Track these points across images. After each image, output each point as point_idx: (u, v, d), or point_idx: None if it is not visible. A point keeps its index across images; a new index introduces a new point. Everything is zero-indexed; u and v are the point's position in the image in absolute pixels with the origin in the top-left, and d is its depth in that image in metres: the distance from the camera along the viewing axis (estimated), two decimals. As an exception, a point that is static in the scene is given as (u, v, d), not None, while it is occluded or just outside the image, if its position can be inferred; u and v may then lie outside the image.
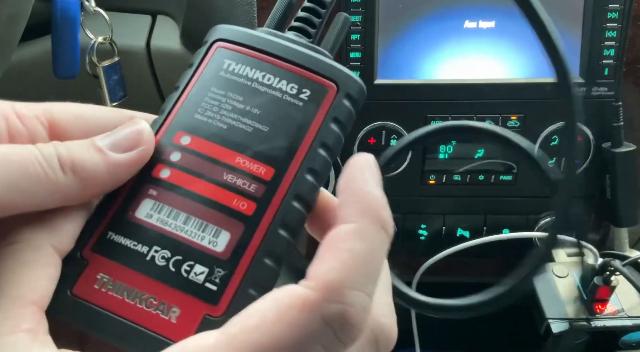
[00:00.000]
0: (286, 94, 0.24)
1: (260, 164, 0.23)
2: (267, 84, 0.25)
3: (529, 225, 0.64)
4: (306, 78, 0.25)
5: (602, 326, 0.54)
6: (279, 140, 0.24)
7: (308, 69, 0.25)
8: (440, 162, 0.62)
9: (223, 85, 0.25)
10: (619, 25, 0.57)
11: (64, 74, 0.60)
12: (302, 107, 0.24)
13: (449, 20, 0.58)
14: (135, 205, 0.23)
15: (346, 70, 0.25)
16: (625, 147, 0.59)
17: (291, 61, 0.25)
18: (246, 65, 0.25)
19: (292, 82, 0.25)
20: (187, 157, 0.24)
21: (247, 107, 0.24)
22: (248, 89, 0.25)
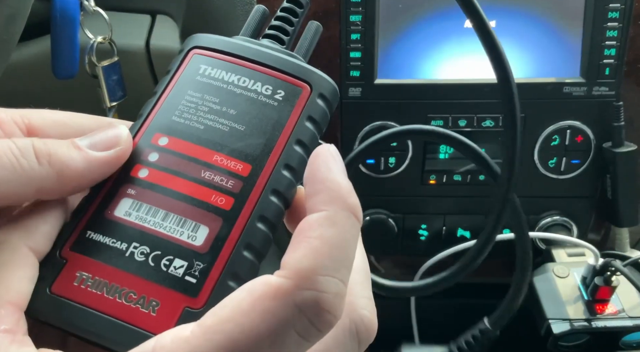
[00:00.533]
0: (261, 95, 0.25)
1: (237, 161, 0.24)
2: (242, 86, 0.26)
3: (529, 225, 0.63)
4: (280, 80, 0.26)
5: (603, 326, 0.54)
6: (255, 138, 0.25)
7: (281, 71, 0.26)
8: (441, 162, 0.61)
9: (199, 88, 0.26)
10: (619, 25, 0.57)
11: (63, 74, 0.60)
12: (276, 106, 0.25)
13: (449, 20, 0.58)
14: (113, 204, 0.23)
15: (319, 73, 0.27)
16: (626, 147, 0.58)
17: (265, 64, 0.26)
18: (221, 69, 0.26)
19: (267, 83, 0.26)
20: (164, 156, 0.24)
21: (223, 108, 0.25)
22: (224, 91, 0.25)
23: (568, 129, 0.59)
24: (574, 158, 0.60)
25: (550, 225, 0.63)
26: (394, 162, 0.61)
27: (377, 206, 0.64)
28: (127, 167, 0.24)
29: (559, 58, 0.59)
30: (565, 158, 0.60)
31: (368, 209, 0.64)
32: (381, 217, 0.63)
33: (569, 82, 0.59)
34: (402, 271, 0.69)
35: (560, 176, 0.61)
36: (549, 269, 0.58)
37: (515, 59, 0.59)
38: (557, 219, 0.63)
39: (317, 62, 0.59)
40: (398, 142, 0.60)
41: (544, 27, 0.58)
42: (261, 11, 0.29)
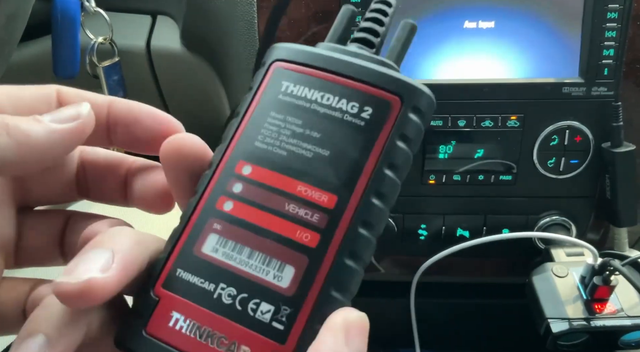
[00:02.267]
0: (347, 114, 0.23)
1: (322, 191, 0.22)
2: (326, 105, 0.24)
3: (528, 225, 0.64)
4: (367, 94, 0.23)
5: (602, 326, 0.54)
6: (341, 164, 0.23)
7: (369, 83, 0.24)
8: (440, 162, 0.62)
9: (282, 109, 0.24)
10: (618, 25, 0.57)
11: (64, 74, 0.60)
12: (364, 126, 0.23)
13: (449, 21, 0.58)
14: (201, 240, 0.23)
15: (412, 82, 0.24)
16: (625, 147, 0.59)
17: (350, 77, 0.24)
18: (304, 85, 0.24)
19: (352, 100, 0.23)
20: (248, 188, 0.23)
21: (307, 131, 0.23)
22: (307, 111, 0.24)
23: (567, 129, 0.60)
24: (573, 158, 0.61)
25: (549, 225, 0.63)
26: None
27: (376, 206, 0.64)
28: (213, 197, 0.23)
29: (558, 58, 0.59)
30: (564, 158, 0.61)
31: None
32: (381, 217, 0.63)
33: (568, 82, 0.59)
34: (401, 270, 0.69)
35: (559, 176, 0.61)
36: (548, 269, 0.58)
37: (515, 59, 0.59)
38: (556, 219, 0.63)
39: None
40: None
41: (543, 28, 0.58)
42: (349, 12, 0.27)
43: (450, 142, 0.61)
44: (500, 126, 0.60)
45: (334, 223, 0.22)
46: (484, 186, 0.63)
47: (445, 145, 0.61)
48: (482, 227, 0.64)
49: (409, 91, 0.23)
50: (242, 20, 0.60)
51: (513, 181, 0.62)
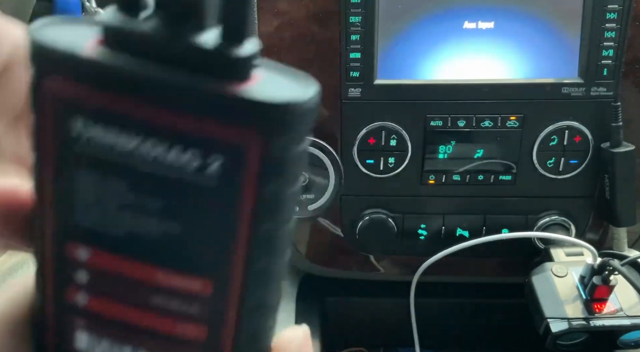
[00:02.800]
0: (185, 171, 0.15)
1: (190, 277, 0.16)
2: (151, 159, 0.15)
3: (528, 225, 0.64)
4: (208, 137, 0.15)
5: (601, 325, 0.54)
6: (202, 239, 0.16)
7: (199, 117, 0.14)
8: (440, 162, 0.62)
9: (88, 167, 0.16)
10: (618, 26, 0.57)
11: (64, 75, 0.60)
12: (217, 185, 0.15)
13: (449, 21, 0.59)
14: (71, 338, 0.18)
15: (262, 97, 0.15)
16: (624, 147, 0.59)
17: (175, 110, 0.15)
18: (105, 127, 0.15)
19: (189, 147, 0.15)
20: (95, 276, 0.17)
21: (139, 198, 0.16)
22: (126, 170, 0.15)
23: (566, 129, 0.60)
24: (572, 158, 0.61)
25: (548, 225, 0.63)
26: (393, 162, 0.61)
27: (376, 206, 0.64)
28: (59, 286, 0.17)
29: (557, 58, 0.59)
30: (564, 158, 0.61)
31: (367, 209, 0.64)
32: (380, 217, 0.64)
33: (567, 82, 0.59)
34: (401, 270, 0.70)
35: (558, 176, 0.62)
36: (547, 269, 0.58)
37: (514, 59, 0.59)
38: (555, 219, 0.63)
39: (317, 63, 0.59)
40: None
41: (543, 28, 0.58)
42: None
43: (450, 142, 0.61)
44: (500, 126, 0.60)
45: (220, 309, 0.17)
46: (483, 186, 0.63)
47: (445, 146, 0.61)
48: (482, 227, 0.65)
49: (269, 110, 0.15)
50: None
51: (512, 181, 0.62)
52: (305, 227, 0.67)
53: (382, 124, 0.60)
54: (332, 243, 0.67)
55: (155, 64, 0.14)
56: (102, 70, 0.14)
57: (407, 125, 0.60)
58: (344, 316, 0.84)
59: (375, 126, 0.60)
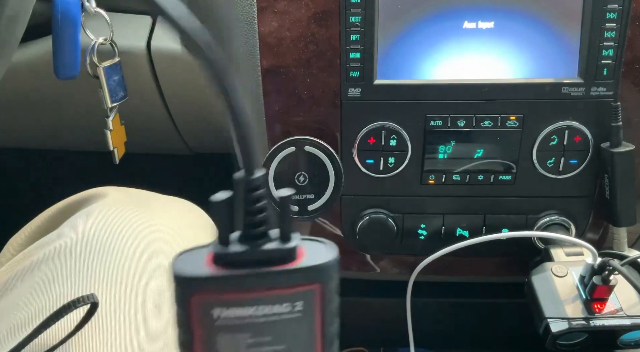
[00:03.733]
0: (283, 313, 0.26)
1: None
2: (263, 314, 0.26)
3: (528, 225, 0.64)
4: (291, 294, 0.26)
5: (601, 325, 0.54)
6: (298, 347, 0.26)
7: (286, 286, 0.25)
8: (440, 162, 0.62)
9: (224, 330, 0.26)
10: (617, 26, 0.57)
11: (64, 75, 0.60)
12: (301, 316, 0.26)
13: (448, 21, 0.59)
14: None
15: (318, 263, 0.25)
16: (624, 147, 0.59)
17: (270, 286, 0.25)
18: (234, 307, 0.25)
19: (282, 302, 0.25)
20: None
21: (259, 338, 0.26)
22: (250, 324, 0.26)
23: (566, 129, 0.60)
24: (572, 158, 0.61)
25: (548, 224, 0.63)
26: (393, 162, 0.61)
27: (376, 206, 0.64)
28: None
29: (557, 58, 0.59)
30: (564, 158, 0.61)
31: (367, 209, 0.64)
32: (380, 217, 0.64)
33: (567, 82, 0.59)
34: (401, 270, 0.70)
35: (558, 176, 0.62)
36: (547, 268, 0.58)
37: (514, 59, 0.59)
38: (555, 219, 0.63)
39: (317, 63, 0.59)
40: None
41: (543, 28, 0.58)
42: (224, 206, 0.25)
43: (450, 142, 0.61)
44: (500, 126, 0.60)
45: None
46: (483, 186, 0.63)
47: (445, 145, 0.61)
48: (482, 227, 0.65)
49: (321, 274, 0.26)
50: (242, 20, 0.60)
51: (512, 181, 0.62)
52: (305, 227, 0.67)
53: (382, 124, 0.60)
54: (332, 243, 0.67)
55: (248, 267, 0.25)
56: (223, 280, 0.25)
57: (407, 126, 0.60)
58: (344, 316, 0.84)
59: (375, 126, 0.60)
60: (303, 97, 0.60)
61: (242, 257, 0.25)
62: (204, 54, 0.24)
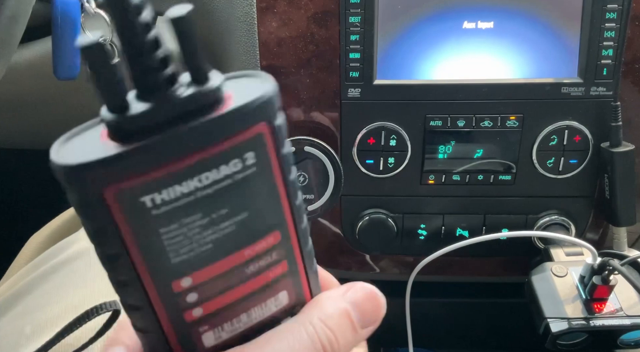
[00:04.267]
0: (234, 174, 0.20)
1: (264, 239, 0.22)
2: (210, 183, 0.20)
3: (528, 225, 0.64)
4: (236, 145, 0.20)
5: (601, 325, 0.54)
6: (263, 211, 0.22)
7: (226, 137, 0.20)
8: (440, 162, 0.62)
9: (167, 220, 0.20)
10: (617, 26, 0.57)
11: (64, 75, 0.60)
12: (256, 170, 0.21)
13: (448, 21, 0.59)
14: (200, 344, 0.23)
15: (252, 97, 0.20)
16: (624, 147, 0.59)
17: (204, 145, 0.19)
18: (169, 186, 0.19)
19: (228, 160, 0.20)
20: (202, 289, 0.22)
21: (213, 215, 0.21)
22: (197, 202, 0.20)
23: (566, 129, 0.60)
24: (572, 158, 0.61)
25: (548, 224, 0.63)
26: (393, 162, 0.61)
27: (376, 206, 0.64)
28: (178, 319, 0.22)
29: (557, 58, 0.59)
30: (564, 158, 0.61)
31: (367, 209, 0.64)
32: (380, 217, 0.64)
33: (567, 82, 0.59)
34: (401, 270, 0.70)
35: (558, 176, 0.62)
36: (547, 268, 0.58)
37: (514, 59, 0.59)
38: (555, 219, 0.63)
39: (316, 63, 0.59)
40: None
41: (542, 28, 0.58)
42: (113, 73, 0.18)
43: (450, 142, 0.61)
44: (500, 126, 0.60)
45: (289, 247, 0.23)
46: (483, 186, 0.63)
47: (445, 145, 0.61)
48: (482, 227, 0.65)
49: (264, 109, 0.20)
50: (241, 20, 0.60)
51: (512, 181, 0.62)
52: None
53: (382, 124, 0.60)
54: (332, 243, 0.67)
55: (164, 129, 0.18)
56: (137, 157, 0.18)
57: (407, 125, 0.60)
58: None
59: (375, 126, 0.60)
60: (303, 97, 0.60)
61: (153, 117, 0.18)
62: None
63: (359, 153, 0.61)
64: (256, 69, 0.60)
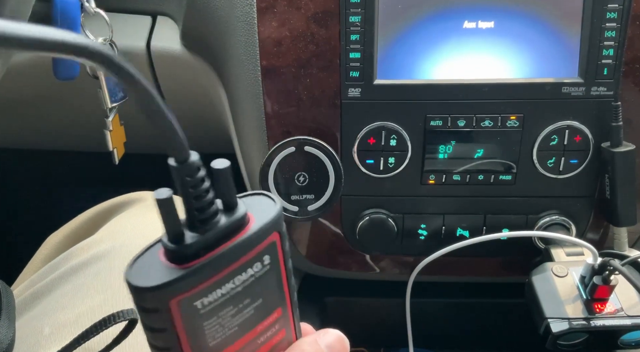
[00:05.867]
0: (257, 273, 0.27)
1: (271, 315, 0.28)
2: (240, 283, 0.26)
3: (528, 225, 0.64)
4: (258, 253, 0.26)
5: (602, 325, 0.54)
6: (272, 295, 0.28)
7: (252, 249, 0.26)
8: (440, 162, 0.62)
9: (209, 315, 0.26)
10: (618, 25, 0.57)
11: (64, 75, 0.60)
12: (269, 267, 0.27)
13: (448, 21, 0.59)
14: None
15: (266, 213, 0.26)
16: (624, 147, 0.59)
17: (238, 258, 0.26)
18: (210, 292, 0.25)
19: (253, 264, 0.26)
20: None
21: (240, 305, 0.27)
22: (230, 299, 0.26)
23: (566, 129, 0.60)
24: (572, 158, 0.61)
25: (549, 224, 0.63)
26: (393, 162, 0.61)
27: (376, 206, 0.64)
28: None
29: (557, 58, 0.59)
30: (564, 158, 0.61)
31: (367, 209, 0.64)
32: (381, 217, 0.64)
33: (567, 82, 0.59)
34: (401, 270, 0.70)
35: (559, 176, 0.62)
36: (547, 269, 0.58)
37: (514, 59, 0.59)
38: (555, 219, 0.63)
39: (317, 63, 0.59)
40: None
41: (543, 28, 0.58)
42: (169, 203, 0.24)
43: (450, 142, 0.61)
44: (500, 126, 0.60)
45: (287, 318, 0.30)
46: (483, 186, 0.63)
47: (445, 145, 0.61)
48: (482, 227, 0.65)
49: (276, 223, 0.27)
50: (241, 20, 0.60)
51: (513, 181, 0.62)
52: (305, 227, 0.67)
53: (382, 124, 0.60)
54: (332, 243, 0.67)
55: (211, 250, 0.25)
56: (194, 275, 0.24)
57: (407, 126, 0.60)
58: (344, 316, 0.84)
59: (375, 126, 0.60)
60: (303, 97, 0.60)
61: (204, 244, 0.25)
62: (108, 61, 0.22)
63: (359, 153, 0.61)
64: (256, 68, 0.60)
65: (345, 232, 0.66)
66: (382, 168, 0.62)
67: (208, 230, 0.25)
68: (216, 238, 0.25)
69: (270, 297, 0.28)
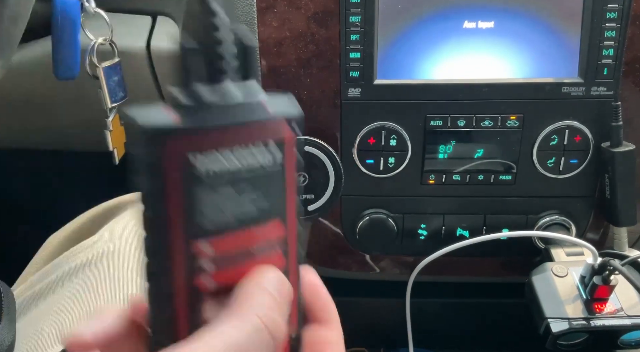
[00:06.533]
0: (262, 162, 0.25)
1: (271, 223, 0.26)
2: (241, 160, 0.24)
3: (528, 225, 0.64)
4: (264, 137, 0.25)
5: (602, 325, 0.54)
6: (272, 201, 0.26)
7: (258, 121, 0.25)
8: (440, 162, 0.62)
9: (206, 184, 0.24)
10: (618, 25, 0.57)
11: (64, 75, 0.60)
12: (275, 168, 0.26)
13: (448, 21, 0.59)
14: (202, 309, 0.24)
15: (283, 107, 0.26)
16: (624, 147, 0.59)
17: (236, 122, 0.24)
18: (209, 149, 0.24)
19: (259, 146, 0.25)
20: (214, 258, 0.24)
21: (238, 189, 0.25)
22: (229, 175, 0.24)
23: (567, 129, 0.60)
24: (572, 158, 0.61)
25: (549, 224, 0.63)
26: (394, 162, 0.61)
27: (376, 206, 0.64)
28: (189, 275, 0.24)
29: (557, 58, 0.59)
30: (564, 158, 0.61)
31: (367, 209, 0.64)
32: (381, 217, 0.64)
33: (567, 82, 0.59)
34: (400, 270, 0.70)
35: (559, 176, 0.62)
36: (547, 268, 0.58)
37: (514, 59, 0.59)
38: (556, 219, 0.63)
39: (317, 63, 0.59)
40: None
41: (543, 28, 0.58)
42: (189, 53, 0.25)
43: (450, 142, 0.61)
44: (500, 126, 0.60)
45: (288, 240, 0.27)
46: (483, 186, 0.63)
47: (445, 145, 0.61)
48: (482, 227, 0.65)
49: (290, 118, 0.26)
50: (241, 20, 0.60)
51: (513, 181, 0.62)
52: (305, 227, 0.67)
53: (382, 124, 0.60)
54: (332, 243, 0.67)
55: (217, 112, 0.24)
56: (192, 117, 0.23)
57: (407, 125, 0.60)
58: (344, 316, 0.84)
59: (375, 126, 0.60)
60: (303, 97, 0.60)
61: (205, 93, 0.24)
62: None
63: (359, 153, 0.61)
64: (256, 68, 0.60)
65: (345, 232, 0.66)
66: (382, 168, 0.62)
67: (217, 83, 0.24)
68: (223, 94, 0.24)
69: (271, 201, 0.26)
